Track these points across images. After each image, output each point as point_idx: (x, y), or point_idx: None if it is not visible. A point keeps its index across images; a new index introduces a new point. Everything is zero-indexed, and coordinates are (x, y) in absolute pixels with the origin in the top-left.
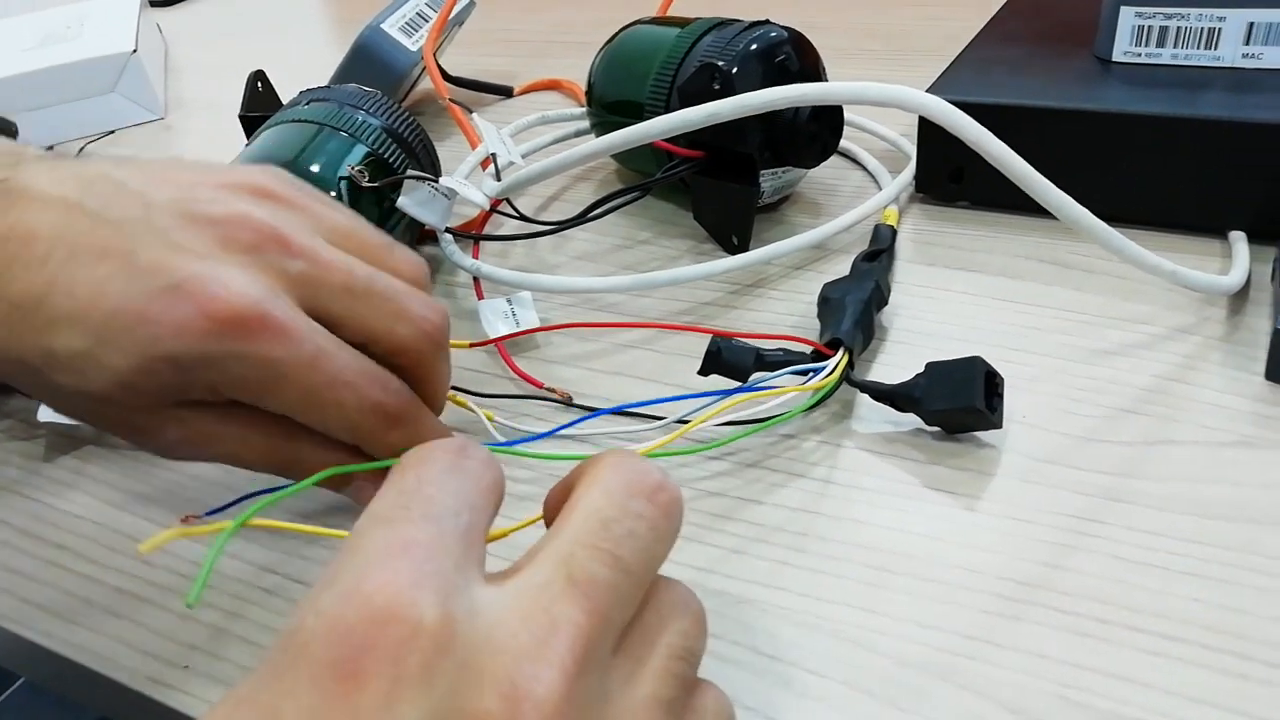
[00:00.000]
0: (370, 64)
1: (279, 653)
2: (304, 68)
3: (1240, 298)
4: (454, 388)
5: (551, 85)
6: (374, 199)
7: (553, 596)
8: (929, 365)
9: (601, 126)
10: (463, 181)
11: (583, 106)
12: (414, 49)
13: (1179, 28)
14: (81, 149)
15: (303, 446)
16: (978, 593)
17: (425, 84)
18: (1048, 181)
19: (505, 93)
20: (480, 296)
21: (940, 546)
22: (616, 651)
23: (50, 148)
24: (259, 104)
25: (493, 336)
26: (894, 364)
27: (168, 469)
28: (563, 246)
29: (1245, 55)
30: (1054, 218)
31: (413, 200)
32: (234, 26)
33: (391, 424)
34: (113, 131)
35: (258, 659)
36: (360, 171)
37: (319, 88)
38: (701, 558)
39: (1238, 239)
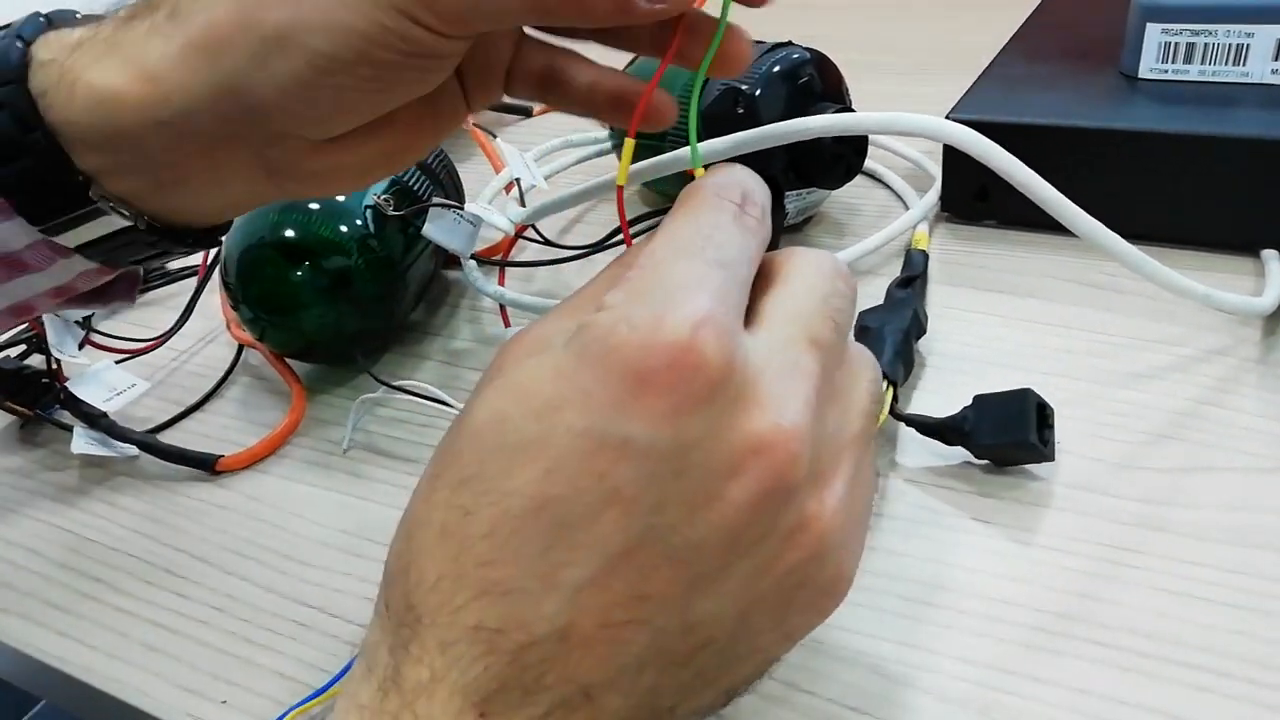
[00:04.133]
0: None
1: (582, 340)
2: None
3: (1275, 318)
4: None
5: None
6: (399, 226)
7: (798, 351)
8: (977, 398)
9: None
10: (487, 208)
11: (603, 126)
12: None
13: (1206, 44)
14: None
15: None
16: (1018, 626)
17: None
18: (1078, 208)
19: (525, 112)
20: (506, 324)
21: (979, 579)
22: (828, 400)
23: None
24: None
25: None
26: (933, 391)
27: (199, 499)
28: (587, 270)
29: (1275, 71)
30: None
31: (438, 228)
32: None
33: None
34: None
35: (294, 694)
36: (386, 200)
37: None
38: None
39: (1270, 257)
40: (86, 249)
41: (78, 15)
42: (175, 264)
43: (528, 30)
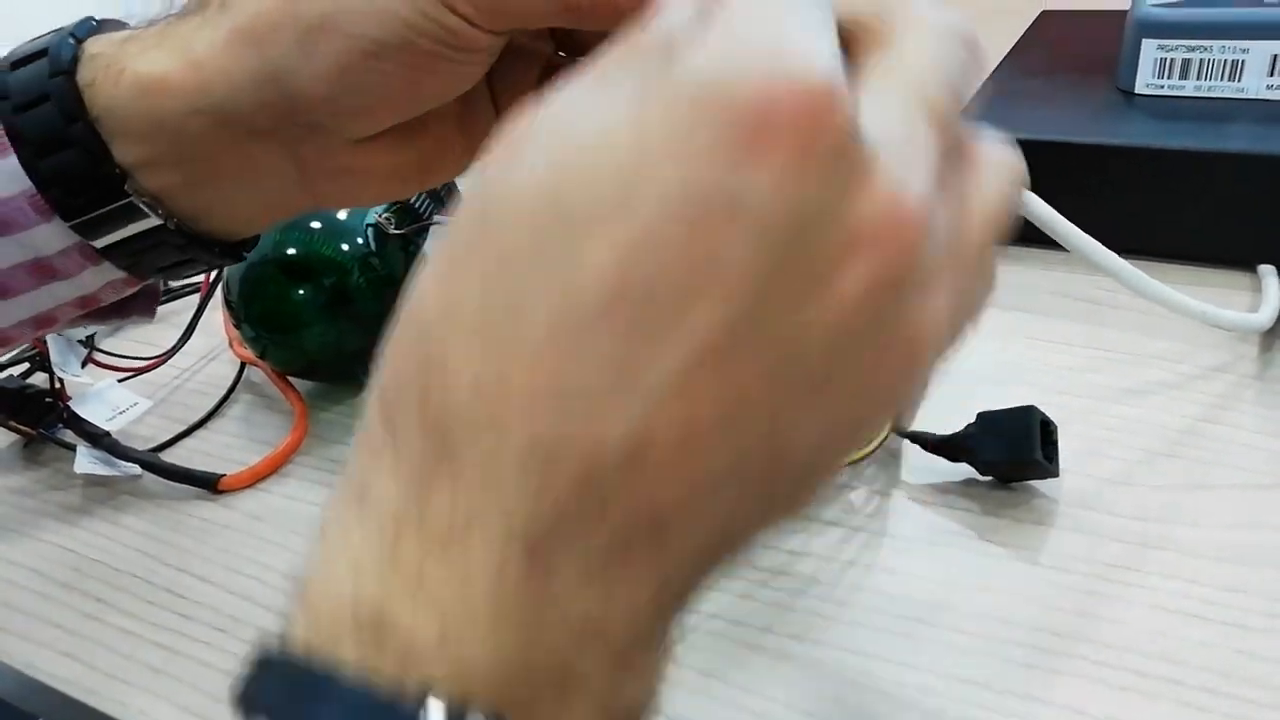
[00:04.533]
0: None
1: (674, 76)
2: None
3: (1272, 334)
4: None
5: None
6: (400, 244)
7: (915, 121)
8: (981, 415)
9: None
10: None
11: None
12: None
13: (1202, 60)
14: None
15: None
16: (1018, 645)
17: None
18: (1073, 226)
19: None
20: None
21: (981, 598)
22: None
23: None
24: None
25: None
26: (934, 407)
27: (202, 518)
28: None
29: (1270, 87)
30: None
31: None
32: None
33: None
34: None
35: None
36: (387, 219)
37: None
38: (747, 611)
39: (1267, 273)
40: (112, 252)
41: (126, 24)
42: (177, 281)
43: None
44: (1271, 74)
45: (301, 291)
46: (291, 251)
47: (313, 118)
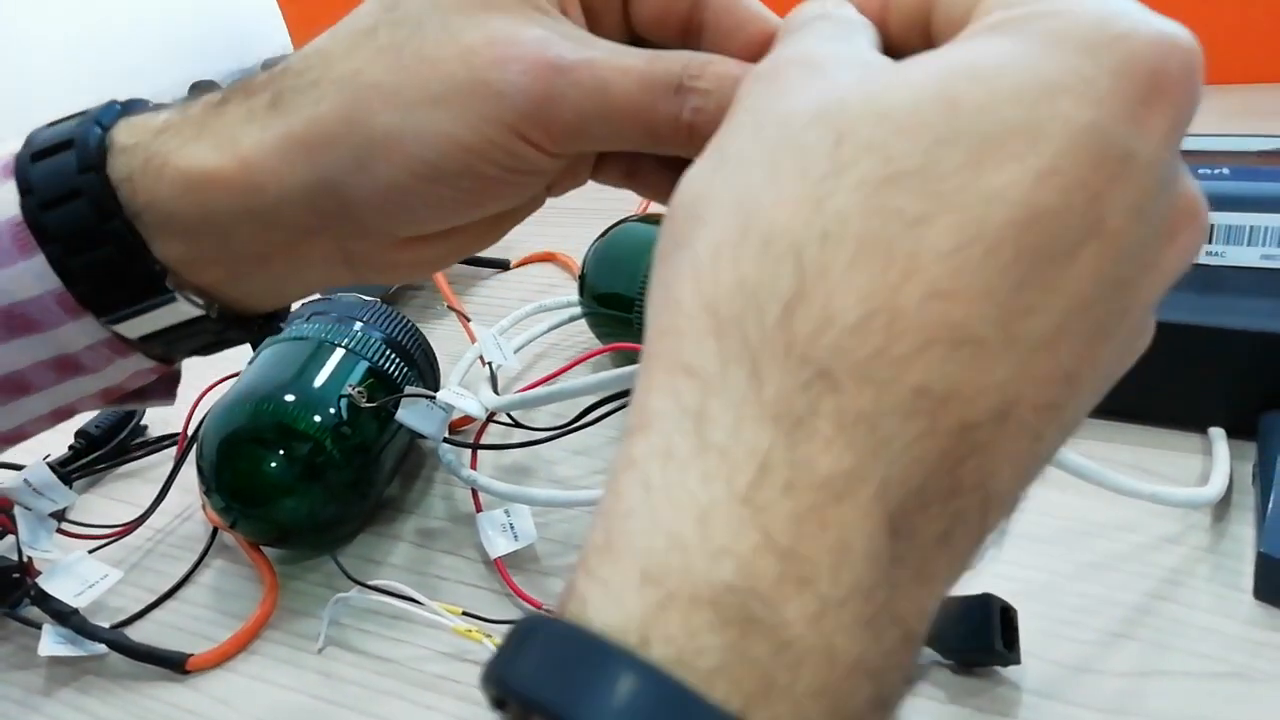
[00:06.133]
0: None
1: (1069, 20)
2: None
3: (1224, 503)
4: (464, 613)
5: (547, 258)
6: (373, 413)
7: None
8: (941, 600)
9: (594, 317)
10: (459, 391)
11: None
12: None
13: None
14: None
15: None
16: None
17: None
18: None
19: (503, 266)
20: (479, 508)
21: None
22: None
23: None
24: None
25: (493, 555)
26: None
27: (169, 703)
28: (560, 441)
29: (1209, 253)
30: None
31: (411, 413)
32: None
33: None
34: None
35: None
36: (360, 392)
37: (319, 299)
38: None
39: (1217, 437)
40: (145, 342)
41: (149, 104)
42: (155, 432)
43: None
44: (1210, 241)
45: (274, 464)
46: (263, 426)
47: (365, 224)
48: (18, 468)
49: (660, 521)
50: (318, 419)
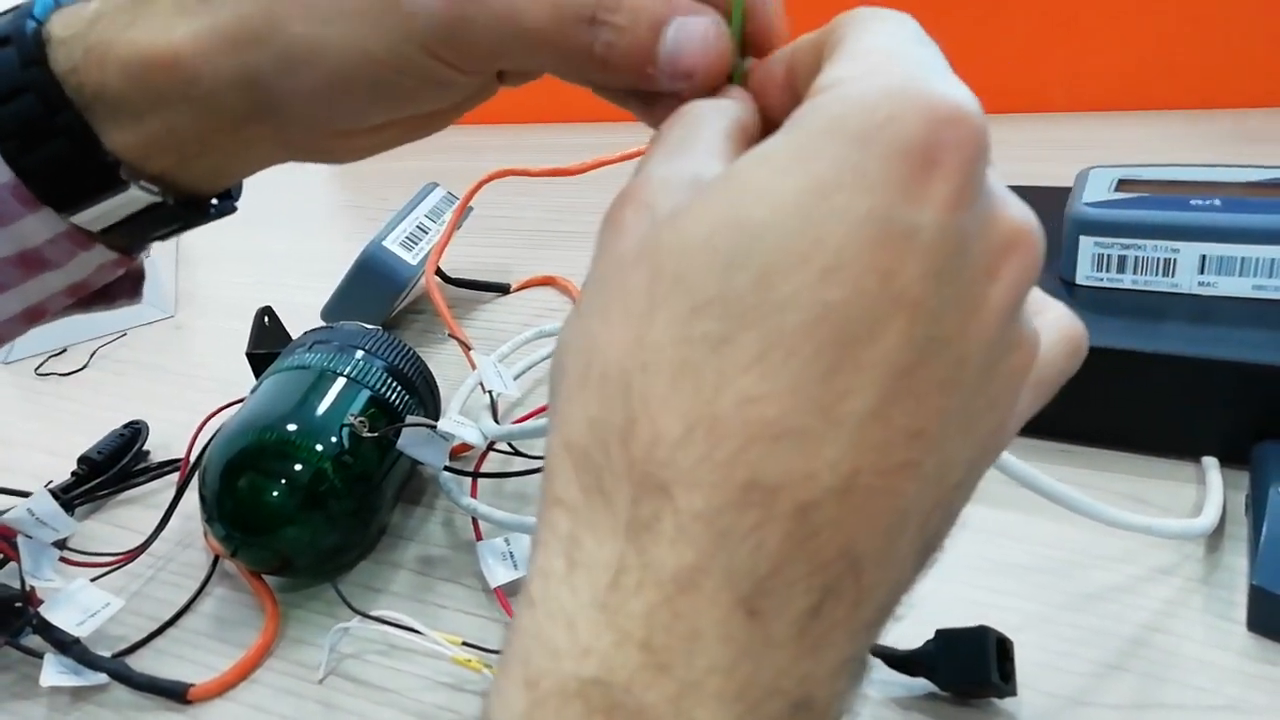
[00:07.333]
0: (373, 279)
1: (834, 113)
2: (310, 262)
3: (1217, 534)
4: (464, 643)
5: (547, 281)
6: (374, 442)
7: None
8: (939, 632)
9: None
10: (459, 420)
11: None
12: (414, 262)
13: (1137, 257)
14: (94, 352)
15: None
16: None
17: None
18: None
19: (503, 290)
20: (479, 537)
21: None
22: None
23: (63, 350)
24: (266, 340)
25: (493, 584)
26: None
27: None
28: None
29: (1201, 284)
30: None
31: (412, 442)
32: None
33: None
34: (125, 333)
35: None
36: (361, 422)
37: (321, 328)
38: None
39: (1210, 466)
40: (107, 234)
41: None
42: (157, 458)
43: None
44: (1201, 271)
45: (276, 493)
46: (266, 452)
47: (296, 116)
48: (23, 494)
49: (540, 633)
50: (320, 448)
